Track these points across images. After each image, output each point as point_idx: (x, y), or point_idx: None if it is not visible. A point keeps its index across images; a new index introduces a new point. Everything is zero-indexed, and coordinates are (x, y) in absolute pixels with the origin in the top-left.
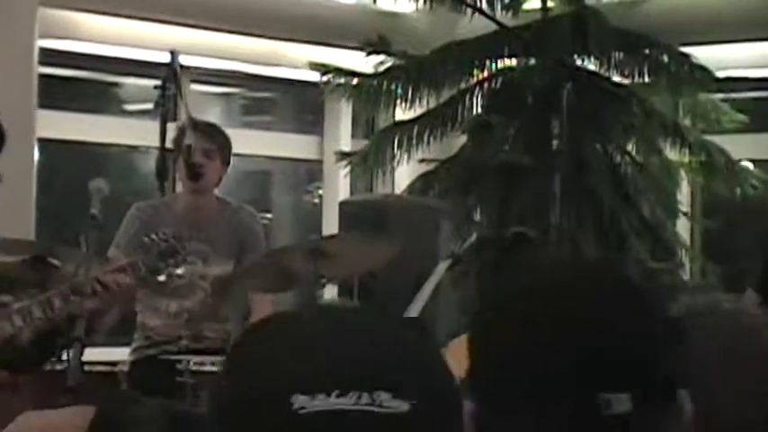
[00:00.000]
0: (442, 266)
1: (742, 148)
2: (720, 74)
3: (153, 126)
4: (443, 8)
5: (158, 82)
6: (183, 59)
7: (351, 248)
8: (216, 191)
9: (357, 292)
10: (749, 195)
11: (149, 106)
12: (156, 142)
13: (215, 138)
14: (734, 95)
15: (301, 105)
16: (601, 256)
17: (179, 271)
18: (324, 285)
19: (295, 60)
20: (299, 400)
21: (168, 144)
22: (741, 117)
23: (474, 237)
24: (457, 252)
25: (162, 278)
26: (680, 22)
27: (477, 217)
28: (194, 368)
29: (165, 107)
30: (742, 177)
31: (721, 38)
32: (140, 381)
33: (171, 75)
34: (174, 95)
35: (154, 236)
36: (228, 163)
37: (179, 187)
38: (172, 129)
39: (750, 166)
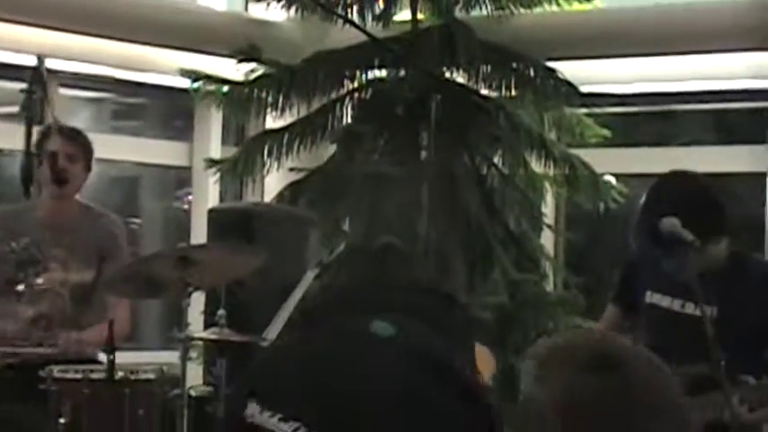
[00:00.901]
0: (310, 275)
1: (605, 162)
2: (585, 89)
3: (19, 129)
4: (315, 17)
5: (24, 85)
6: (52, 63)
7: (218, 257)
8: (78, 196)
9: (224, 300)
10: (611, 208)
11: (15, 109)
12: (21, 146)
13: (78, 142)
14: (597, 110)
15: (171, 112)
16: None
17: (39, 280)
18: (190, 294)
19: (165, 66)
20: (251, 408)
21: (33, 148)
22: (604, 132)
23: (342, 246)
24: (325, 261)
25: (20, 287)
26: (546, 38)
27: (346, 226)
28: (57, 375)
29: (31, 111)
30: (604, 191)
31: (587, 53)
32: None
33: (37, 78)
34: (40, 99)
35: (14, 244)
36: (90, 168)
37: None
38: (37, 133)
39: (612, 179)
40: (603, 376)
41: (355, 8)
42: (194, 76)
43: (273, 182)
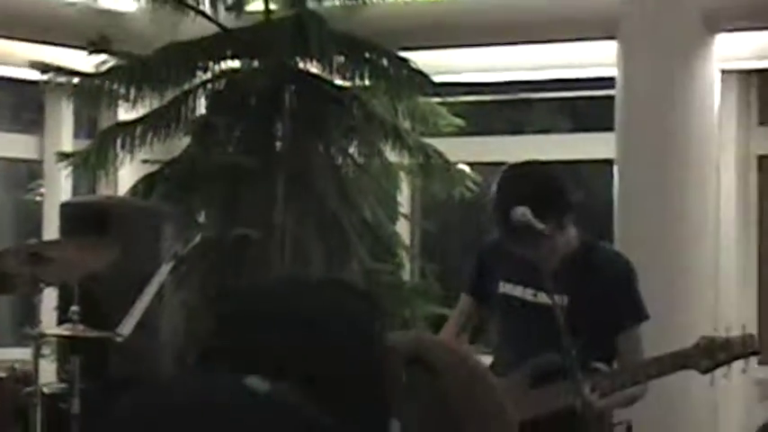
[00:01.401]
0: (165, 268)
1: (459, 151)
2: (438, 78)
3: None
4: (166, 8)
5: None
6: None
7: (71, 252)
8: None
9: (78, 296)
10: (465, 197)
11: None
12: None
13: None
14: (451, 99)
15: (21, 104)
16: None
17: None
18: (42, 290)
19: (14, 58)
20: None
21: None
22: (458, 121)
23: (198, 238)
24: (180, 254)
25: None
26: (399, 27)
27: (202, 218)
28: None
29: None
30: (458, 180)
31: (439, 43)
32: None
33: None
34: None
35: None
36: None
37: None
38: None
39: (466, 168)
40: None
41: None
42: (44, 67)
43: (127, 175)
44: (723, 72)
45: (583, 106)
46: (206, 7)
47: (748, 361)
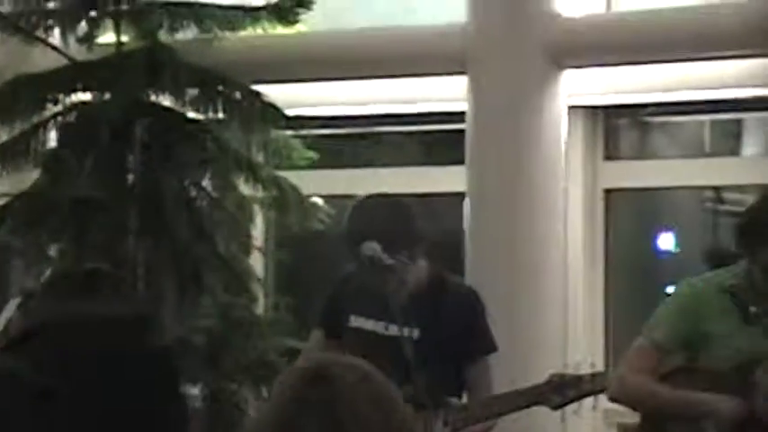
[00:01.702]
0: (13, 304)
1: (312, 184)
2: (291, 112)
3: None
4: (15, 40)
5: None
6: None
7: None
8: None
9: None
10: (319, 230)
11: None
12: None
13: None
14: (304, 133)
15: None
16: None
17: None
18: None
19: None
20: None
21: None
22: (311, 154)
23: (48, 273)
24: (30, 288)
25: None
26: (252, 61)
27: (52, 252)
28: None
29: None
30: (312, 213)
31: (292, 76)
32: None
33: None
34: None
35: None
36: None
37: None
38: None
39: (320, 201)
40: (317, 389)
41: (57, 30)
42: None
43: None
44: (570, 107)
45: (434, 140)
46: (56, 39)
47: (597, 398)
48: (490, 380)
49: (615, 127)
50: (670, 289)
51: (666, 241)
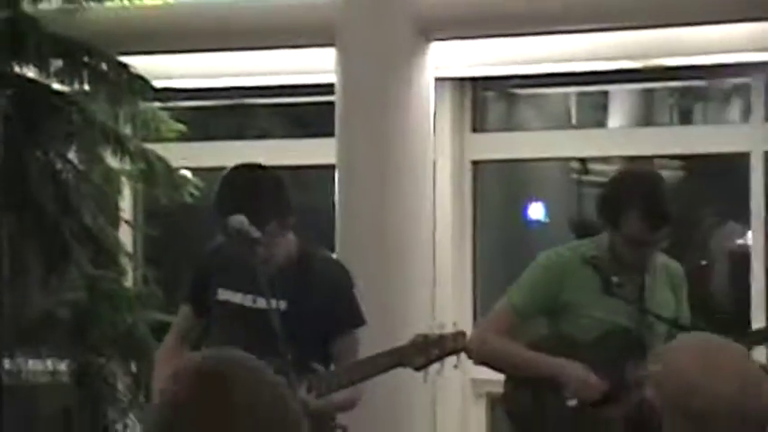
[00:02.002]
0: None
1: (181, 157)
2: (159, 84)
3: None
4: None
5: None
6: None
7: None
8: None
9: None
10: (188, 202)
11: None
12: None
13: None
14: (172, 105)
15: None
16: None
17: None
18: None
19: None
20: None
21: None
22: (179, 126)
23: None
24: None
25: None
26: (119, 32)
27: None
28: None
29: None
30: (181, 185)
31: (159, 48)
32: None
33: None
34: None
35: None
36: None
37: None
38: None
39: (188, 174)
40: (208, 388)
41: None
42: None
43: None
44: (438, 79)
45: (304, 112)
46: None
47: (460, 357)
48: (357, 353)
49: (483, 99)
50: None
51: (536, 211)
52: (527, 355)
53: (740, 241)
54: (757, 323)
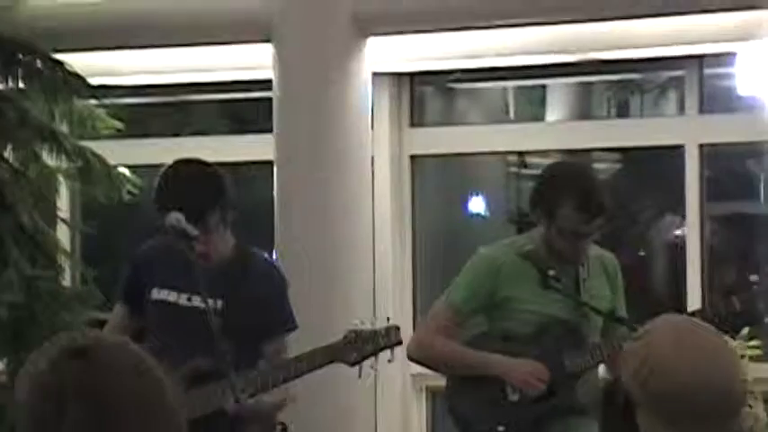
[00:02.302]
0: None
1: (119, 154)
2: (95, 81)
3: None
4: None
5: None
6: None
7: None
8: None
9: None
10: (126, 200)
11: None
12: None
13: None
14: (109, 102)
15: None
16: None
17: None
18: None
19: None
20: None
21: None
22: (117, 123)
23: None
24: None
25: None
26: (54, 29)
27: None
28: None
29: None
30: (119, 183)
31: (96, 45)
32: None
33: None
34: None
35: None
36: None
37: None
38: None
39: (126, 171)
40: (73, 364)
41: None
42: None
43: None
44: (375, 74)
45: (242, 108)
46: None
47: (394, 352)
48: (286, 356)
49: (420, 94)
50: None
51: (477, 205)
52: (468, 354)
53: (678, 233)
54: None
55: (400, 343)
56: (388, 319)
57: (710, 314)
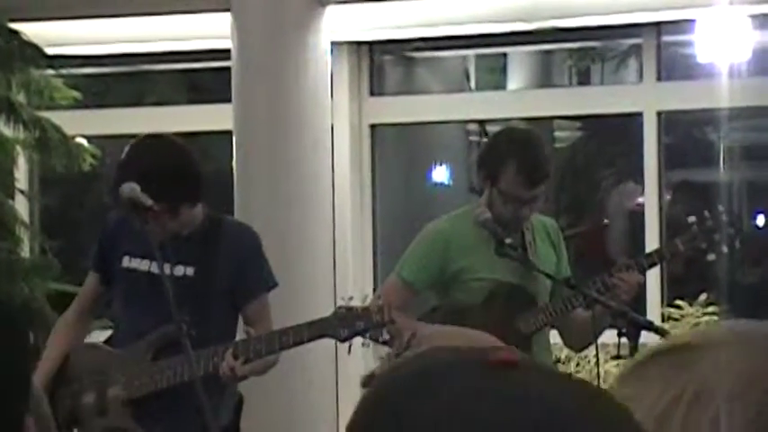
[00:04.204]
0: None
1: (78, 124)
2: (53, 51)
3: None
4: None
5: None
6: None
7: None
8: None
9: None
10: (84, 170)
11: None
12: None
13: None
14: (66, 72)
15: None
16: None
17: None
18: None
19: None
20: None
21: None
22: (75, 93)
23: None
24: None
25: None
26: None
27: None
28: None
29: None
30: (77, 153)
31: (52, 14)
32: None
33: None
34: None
35: None
36: None
37: None
38: None
39: (85, 142)
40: None
41: None
42: None
43: None
44: (335, 43)
45: (200, 78)
46: None
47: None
48: (269, 315)
49: (380, 63)
50: None
51: (440, 174)
52: (421, 328)
53: (640, 200)
54: (652, 281)
55: (393, 322)
56: (365, 297)
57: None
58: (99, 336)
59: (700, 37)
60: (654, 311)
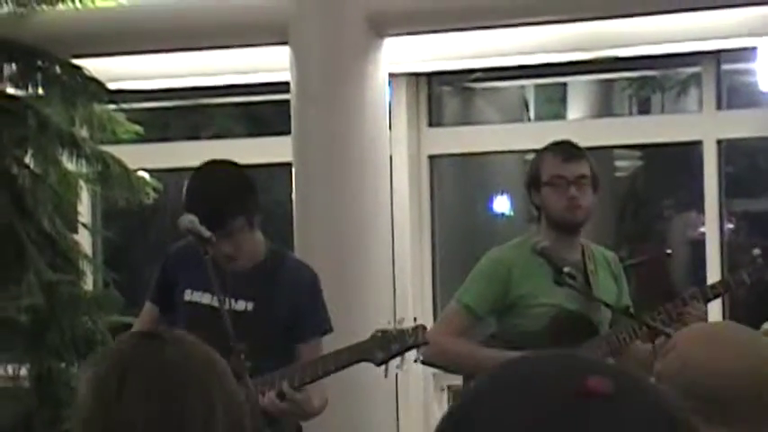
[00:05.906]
0: None
1: (139, 158)
2: (114, 85)
3: None
4: None
5: None
6: None
7: None
8: None
9: None
10: (146, 204)
11: None
12: None
13: None
14: (128, 106)
15: None
16: None
17: None
18: None
19: None
20: None
21: None
22: (136, 127)
23: None
24: None
25: None
26: (71, 34)
27: None
28: None
29: None
30: (139, 187)
31: (113, 50)
32: None
33: None
34: None
35: None
36: None
37: None
38: None
39: (146, 175)
40: (152, 347)
41: None
42: None
43: None
44: (393, 75)
45: (260, 111)
46: None
47: (420, 350)
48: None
49: (438, 94)
50: None
51: (497, 204)
52: (483, 353)
53: (701, 229)
54: (713, 310)
55: (427, 343)
56: (414, 319)
57: (723, 288)
58: None
59: (760, 65)
60: None
